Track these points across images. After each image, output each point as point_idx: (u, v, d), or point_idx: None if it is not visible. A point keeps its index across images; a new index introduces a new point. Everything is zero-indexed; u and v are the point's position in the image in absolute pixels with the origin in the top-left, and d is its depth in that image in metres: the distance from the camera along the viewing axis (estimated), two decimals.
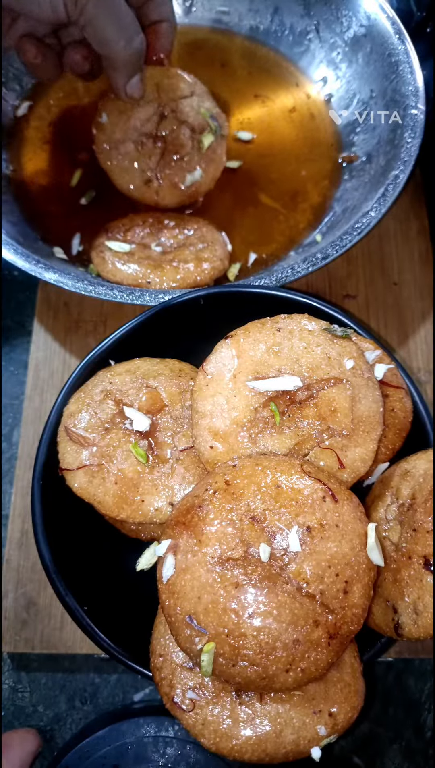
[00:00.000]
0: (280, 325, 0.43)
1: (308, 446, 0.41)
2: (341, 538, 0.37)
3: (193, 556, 0.37)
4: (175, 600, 0.37)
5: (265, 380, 0.41)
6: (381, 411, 0.42)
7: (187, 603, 0.36)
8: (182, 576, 0.37)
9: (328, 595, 0.36)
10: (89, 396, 0.46)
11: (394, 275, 0.73)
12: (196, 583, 0.36)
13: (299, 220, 0.70)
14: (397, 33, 0.68)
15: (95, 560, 0.50)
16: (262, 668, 0.35)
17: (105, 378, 0.47)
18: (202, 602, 0.36)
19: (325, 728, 0.38)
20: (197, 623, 0.36)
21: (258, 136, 0.74)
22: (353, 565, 0.37)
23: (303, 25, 0.76)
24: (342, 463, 0.40)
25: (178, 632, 0.37)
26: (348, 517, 0.37)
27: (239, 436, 0.41)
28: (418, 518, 0.38)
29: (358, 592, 0.37)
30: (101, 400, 0.46)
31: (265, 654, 0.35)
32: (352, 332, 0.44)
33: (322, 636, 0.36)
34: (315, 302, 0.51)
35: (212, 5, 0.79)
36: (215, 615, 0.35)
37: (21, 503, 0.63)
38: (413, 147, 0.62)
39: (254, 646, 0.35)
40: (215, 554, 0.36)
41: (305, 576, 0.36)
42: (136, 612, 0.45)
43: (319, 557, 0.36)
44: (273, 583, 0.36)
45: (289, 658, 0.35)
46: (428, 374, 0.69)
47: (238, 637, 0.35)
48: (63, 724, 0.58)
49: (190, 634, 0.36)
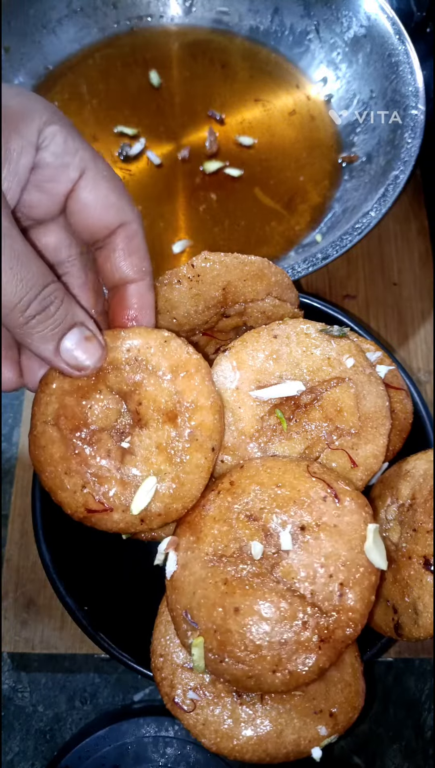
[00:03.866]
0: (276, 332, 0.43)
1: (319, 449, 0.41)
2: (338, 538, 0.36)
3: (192, 552, 0.37)
4: (176, 595, 0.37)
5: (267, 388, 0.41)
6: (387, 405, 0.42)
7: (184, 598, 0.37)
8: (182, 572, 0.37)
9: (321, 596, 0.35)
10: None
11: (394, 275, 0.73)
12: (193, 579, 0.37)
13: (299, 220, 0.70)
14: (397, 33, 0.68)
15: (95, 560, 0.50)
16: (248, 666, 0.35)
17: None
18: (196, 597, 0.36)
19: (325, 728, 0.38)
20: (191, 618, 0.36)
21: (259, 140, 0.74)
22: (350, 567, 0.36)
23: (303, 26, 0.76)
24: (354, 462, 0.40)
25: (177, 626, 0.37)
26: (349, 518, 0.37)
27: (248, 447, 0.41)
28: (418, 518, 0.38)
29: (355, 595, 0.35)
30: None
31: (251, 651, 0.35)
32: (348, 330, 0.44)
33: (312, 638, 0.35)
34: (314, 302, 0.52)
35: (212, 5, 0.79)
36: (206, 610, 0.36)
37: (21, 503, 0.63)
38: (413, 147, 0.62)
39: (239, 643, 0.35)
40: (210, 551, 0.37)
41: (296, 575, 0.36)
42: (136, 612, 0.45)
43: (312, 557, 0.36)
44: (262, 580, 0.36)
45: (276, 659, 0.35)
46: (428, 374, 0.69)
47: (224, 633, 0.35)
48: (63, 724, 0.58)
49: (185, 628, 0.37)
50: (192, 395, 0.38)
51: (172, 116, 0.75)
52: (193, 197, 0.70)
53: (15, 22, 0.73)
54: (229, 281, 0.43)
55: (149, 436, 0.38)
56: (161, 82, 0.77)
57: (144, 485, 0.37)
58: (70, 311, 0.35)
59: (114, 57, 0.78)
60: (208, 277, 0.42)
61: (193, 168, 0.72)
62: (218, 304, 0.44)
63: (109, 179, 0.36)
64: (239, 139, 0.73)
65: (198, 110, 0.75)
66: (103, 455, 0.38)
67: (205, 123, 0.74)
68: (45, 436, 0.39)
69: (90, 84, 0.76)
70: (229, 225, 0.69)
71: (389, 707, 0.58)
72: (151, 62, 0.78)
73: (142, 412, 0.38)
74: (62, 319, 0.35)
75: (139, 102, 0.76)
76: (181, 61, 0.78)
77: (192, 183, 0.71)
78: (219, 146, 0.73)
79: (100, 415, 0.39)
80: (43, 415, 0.39)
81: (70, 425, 0.38)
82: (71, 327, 0.35)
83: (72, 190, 0.35)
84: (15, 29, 0.73)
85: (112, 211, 0.36)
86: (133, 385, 0.38)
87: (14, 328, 0.33)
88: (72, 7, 0.77)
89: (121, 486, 0.38)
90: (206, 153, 0.72)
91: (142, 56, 0.78)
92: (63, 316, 0.35)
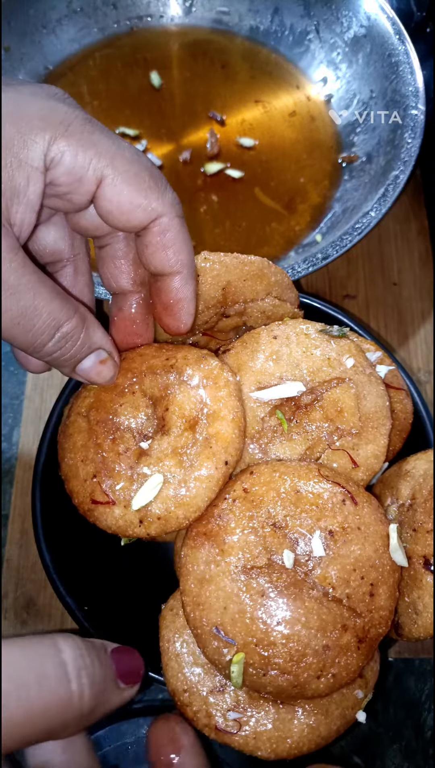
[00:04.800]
0: (275, 333, 0.43)
1: (319, 449, 0.41)
2: (364, 540, 0.37)
3: (217, 566, 0.36)
4: (200, 612, 0.36)
5: (268, 389, 0.41)
6: (387, 405, 0.42)
7: (213, 614, 0.36)
8: (207, 587, 0.36)
9: (355, 598, 0.36)
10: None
11: (394, 275, 0.74)
12: (222, 594, 0.36)
13: (299, 220, 0.70)
14: (397, 33, 0.68)
15: (95, 560, 0.50)
16: (294, 676, 0.35)
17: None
18: (229, 612, 0.35)
19: (361, 691, 0.38)
20: (224, 634, 0.35)
21: (259, 141, 0.74)
22: (378, 568, 0.36)
23: (303, 26, 0.76)
24: (355, 462, 0.40)
25: (205, 644, 0.36)
26: (369, 519, 0.37)
27: (250, 448, 0.41)
28: (418, 518, 0.38)
29: (383, 594, 0.36)
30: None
31: (296, 661, 0.35)
32: (348, 330, 0.44)
33: (352, 640, 0.35)
34: (314, 302, 0.52)
35: (212, 5, 0.79)
36: (243, 625, 0.35)
37: (21, 503, 0.63)
38: (413, 147, 0.62)
39: (284, 654, 0.35)
40: (239, 563, 0.36)
41: (331, 580, 0.36)
42: (136, 612, 0.45)
43: (344, 561, 0.36)
44: (299, 589, 0.35)
45: (320, 665, 0.35)
46: (428, 374, 0.69)
47: (268, 646, 0.35)
48: None
49: (217, 645, 0.36)
50: (216, 405, 0.39)
51: (172, 117, 0.75)
52: (195, 199, 0.70)
53: (15, 22, 0.73)
54: (229, 281, 0.43)
55: (168, 441, 0.39)
56: (162, 83, 0.77)
57: (149, 482, 0.38)
58: (87, 342, 0.36)
59: (114, 57, 0.78)
60: (208, 277, 0.42)
61: (194, 169, 0.72)
62: (218, 304, 0.44)
63: (132, 180, 0.34)
64: (240, 141, 0.73)
65: (198, 111, 0.75)
66: (122, 450, 0.39)
67: (206, 124, 0.75)
68: (74, 426, 0.41)
69: (90, 84, 0.76)
70: (230, 226, 0.69)
71: (389, 707, 0.58)
72: (151, 62, 0.78)
73: (168, 417, 0.39)
74: (79, 351, 0.36)
75: (139, 103, 0.76)
76: (182, 62, 0.78)
77: (193, 185, 0.71)
78: (220, 148, 0.73)
79: (128, 415, 0.40)
80: (78, 407, 0.41)
81: (99, 417, 0.40)
82: (88, 354, 0.37)
83: (93, 198, 0.34)
84: (15, 29, 0.73)
85: (139, 212, 0.35)
86: (164, 390, 0.39)
87: (31, 355, 0.35)
88: (72, 7, 0.77)
89: (129, 482, 0.38)
90: (207, 154, 0.72)
91: (143, 56, 0.78)
92: (80, 348, 0.36)
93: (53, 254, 0.40)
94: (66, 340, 0.35)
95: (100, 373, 0.39)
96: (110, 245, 0.39)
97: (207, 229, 0.69)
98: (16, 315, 0.32)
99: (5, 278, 0.31)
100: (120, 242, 0.39)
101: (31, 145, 0.31)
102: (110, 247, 0.39)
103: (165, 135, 0.74)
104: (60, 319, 0.33)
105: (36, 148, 0.31)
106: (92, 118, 0.34)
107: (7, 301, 0.31)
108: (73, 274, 0.41)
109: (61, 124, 0.32)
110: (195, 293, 0.39)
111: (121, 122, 0.74)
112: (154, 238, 0.36)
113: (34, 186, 0.32)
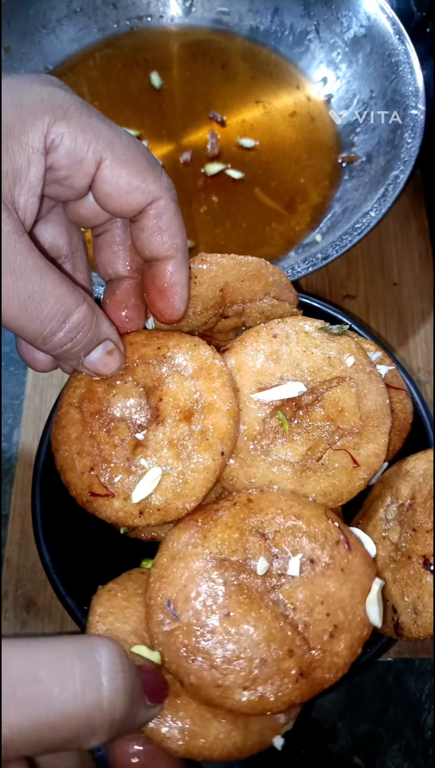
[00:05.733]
0: (275, 331, 0.42)
1: (320, 449, 0.41)
2: (344, 582, 0.36)
3: (194, 548, 0.37)
4: (160, 584, 0.37)
5: (268, 390, 0.41)
6: (387, 403, 0.42)
7: (171, 589, 0.36)
8: (177, 563, 0.37)
9: (312, 631, 0.35)
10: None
11: (394, 275, 0.74)
12: (187, 573, 0.36)
13: (299, 220, 0.70)
14: (397, 33, 0.68)
15: (95, 560, 0.50)
16: (220, 674, 0.34)
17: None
18: (186, 590, 0.36)
19: (283, 716, 0.37)
20: (173, 609, 0.35)
21: (260, 142, 0.74)
22: (348, 613, 0.36)
23: (303, 26, 0.76)
24: (356, 462, 0.40)
25: (151, 615, 0.36)
26: (356, 568, 0.37)
27: (251, 449, 0.41)
28: (417, 518, 0.38)
29: (344, 642, 0.35)
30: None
31: (228, 660, 0.34)
32: (347, 327, 0.44)
33: (293, 668, 0.34)
34: (314, 302, 0.52)
35: (212, 5, 0.79)
36: (193, 606, 0.35)
37: (21, 503, 0.63)
38: (413, 147, 0.62)
39: (219, 647, 0.34)
40: (214, 552, 0.37)
41: (295, 601, 0.35)
42: None
43: (314, 589, 0.36)
44: (260, 596, 0.35)
45: (251, 675, 0.34)
46: (428, 374, 0.69)
47: (208, 632, 0.35)
48: None
49: (162, 618, 0.36)
50: (211, 397, 0.39)
51: (173, 118, 0.75)
52: (195, 199, 0.70)
53: (15, 22, 0.73)
54: (227, 282, 0.43)
55: (164, 431, 0.39)
56: (162, 84, 0.77)
57: (148, 474, 0.38)
58: (96, 333, 0.36)
59: (114, 57, 0.78)
60: (206, 278, 0.43)
61: (195, 170, 0.72)
62: (217, 305, 0.44)
63: (130, 162, 0.34)
64: (240, 141, 0.73)
65: (199, 111, 0.75)
66: (117, 442, 0.39)
67: (206, 124, 0.75)
68: (67, 417, 0.40)
69: (90, 84, 0.77)
70: (230, 226, 0.69)
71: (389, 707, 0.58)
72: (151, 62, 0.78)
73: (162, 408, 0.39)
74: (89, 341, 0.36)
75: (140, 103, 0.76)
76: (182, 62, 0.78)
77: (194, 185, 0.71)
78: (220, 148, 0.73)
79: (121, 405, 0.40)
80: (69, 397, 0.41)
81: (92, 408, 0.39)
82: (96, 345, 0.37)
83: (92, 181, 0.35)
84: (15, 29, 0.73)
85: (137, 195, 0.35)
86: (157, 381, 0.39)
87: (39, 347, 0.35)
88: (72, 7, 0.77)
89: (126, 474, 0.38)
90: (208, 155, 0.72)
91: (143, 56, 0.78)
92: (90, 339, 0.36)
93: (51, 251, 0.40)
94: (77, 331, 0.34)
95: (108, 365, 0.38)
96: (108, 231, 0.40)
97: (207, 229, 0.69)
98: (24, 299, 0.31)
99: (11, 261, 0.30)
100: (118, 228, 0.40)
101: (31, 128, 0.31)
102: (108, 233, 0.40)
103: (165, 136, 0.74)
104: (69, 306, 0.33)
105: (36, 131, 0.32)
106: (88, 104, 0.34)
107: (15, 285, 0.30)
108: (72, 271, 0.41)
109: (59, 108, 0.32)
110: (188, 279, 0.40)
111: (121, 123, 0.73)
112: (151, 221, 0.36)
113: (36, 168, 0.32)
